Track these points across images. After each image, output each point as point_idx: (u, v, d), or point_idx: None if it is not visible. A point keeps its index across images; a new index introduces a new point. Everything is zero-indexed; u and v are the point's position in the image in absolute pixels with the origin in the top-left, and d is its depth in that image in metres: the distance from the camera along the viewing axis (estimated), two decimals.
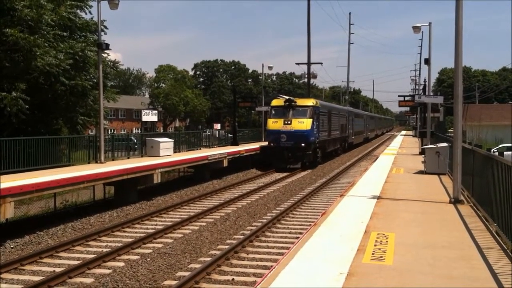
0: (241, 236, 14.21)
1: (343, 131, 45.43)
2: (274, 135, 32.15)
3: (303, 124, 31.75)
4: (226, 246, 13.10)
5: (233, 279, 10.61)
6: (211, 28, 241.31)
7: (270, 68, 48.54)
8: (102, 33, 25.19)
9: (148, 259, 12.15)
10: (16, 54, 22.11)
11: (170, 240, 14.03)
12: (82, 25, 27.24)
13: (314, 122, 32.41)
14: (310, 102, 33.66)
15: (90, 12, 28.25)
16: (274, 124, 32.34)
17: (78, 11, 26.97)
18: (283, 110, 32.65)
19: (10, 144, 17.89)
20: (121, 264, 11.79)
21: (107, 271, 11.23)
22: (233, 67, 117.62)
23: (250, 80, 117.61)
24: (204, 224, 16.16)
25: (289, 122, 31.88)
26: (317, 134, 33.21)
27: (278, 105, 33.30)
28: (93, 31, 27.46)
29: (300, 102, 33.39)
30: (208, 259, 11.90)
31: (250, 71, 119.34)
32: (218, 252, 12.52)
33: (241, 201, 20.51)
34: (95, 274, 11.06)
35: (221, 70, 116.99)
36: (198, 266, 11.36)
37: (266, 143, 33.95)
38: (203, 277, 10.57)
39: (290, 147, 31.68)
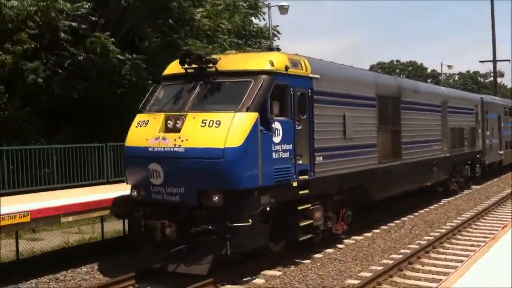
0: (417, 246, 13.43)
1: (464, 141, 23.31)
2: (134, 165, 10.92)
3: (218, 130, 9.79)
4: (400, 256, 12.46)
5: None
6: (385, 28, 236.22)
7: (449, 67, 46.23)
8: (276, 39, 25.87)
9: (318, 264, 12.00)
10: None
11: (341, 246, 13.74)
12: (256, 32, 28.25)
13: (277, 125, 10.58)
14: (261, 61, 11.04)
15: (263, 19, 29.23)
16: (140, 130, 10.82)
17: (252, 18, 28.01)
18: (181, 87, 11.22)
19: None
20: (292, 267, 11.77)
21: (278, 273, 11.29)
22: (410, 67, 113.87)
23: (429, 80, 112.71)
24: (378, 231, 15.62)
25: (177, 122, 10.16)
26: (290, 164, 11.03)
27: (172, 73, 11.82)
28: (267, 37, 28.34)
29: (229, 61, 11.16)
30: (380, 268, 11.40)
31: (428, 70, 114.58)
32: (390, 262, 11.95)
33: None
34: (266, 276, 11.17)
35: (397, 70, 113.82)
36: (368, 274, 10.93)
37: None
38: (373, 287, 10.13)
39: (177, 205, 10.24)
